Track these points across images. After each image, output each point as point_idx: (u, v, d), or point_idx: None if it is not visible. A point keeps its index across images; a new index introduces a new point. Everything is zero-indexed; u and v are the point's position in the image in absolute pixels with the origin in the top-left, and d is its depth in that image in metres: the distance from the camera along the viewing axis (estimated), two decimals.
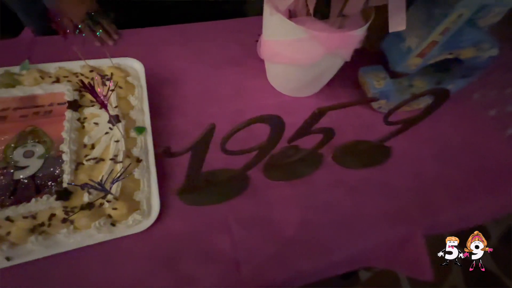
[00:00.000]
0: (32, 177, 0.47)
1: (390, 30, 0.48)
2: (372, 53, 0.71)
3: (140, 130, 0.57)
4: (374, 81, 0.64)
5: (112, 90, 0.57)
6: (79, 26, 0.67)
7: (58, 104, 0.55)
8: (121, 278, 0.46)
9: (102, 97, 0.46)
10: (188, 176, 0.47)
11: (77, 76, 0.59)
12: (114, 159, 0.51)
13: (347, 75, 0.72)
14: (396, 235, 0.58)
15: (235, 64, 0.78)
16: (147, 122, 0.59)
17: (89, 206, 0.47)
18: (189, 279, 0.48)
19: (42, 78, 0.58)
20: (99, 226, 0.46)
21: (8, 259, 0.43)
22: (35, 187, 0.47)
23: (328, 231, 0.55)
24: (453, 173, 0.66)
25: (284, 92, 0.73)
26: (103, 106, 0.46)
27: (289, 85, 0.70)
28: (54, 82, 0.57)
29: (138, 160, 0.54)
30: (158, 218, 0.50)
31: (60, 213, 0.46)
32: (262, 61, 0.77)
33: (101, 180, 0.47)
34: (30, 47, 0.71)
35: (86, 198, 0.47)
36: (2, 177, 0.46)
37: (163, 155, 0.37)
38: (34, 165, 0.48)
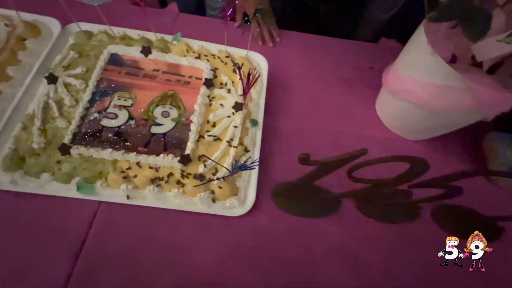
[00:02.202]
0: (164, 135, 0.54)
1: None
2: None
3: (254, 122, 0.60)
4: (508, 151, 0.57)
5: (255, 82, 0.58)
6: (246, 18, 0.73)
7: (196, 78, 0.61)
8: (204, 251, 0.50)
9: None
10: (295, 184, 0.48)
11: (214, 58, 0.66)
12: (229, 142, 0.55)
13: (468, 132, 0.66)
14: None
15: (344, 84, 0.78)
16: (260, 116, 0.62)
17: (201, 177, 0.51)
18: (263, 277, 0.49)
19: (187, 51, 0.65)
20: (203, 198, 0.51)
21: (128, 197, 0.50)
22: (164, 145, 0.53)
23: None
24: None
25: (391, 128, 0.70)
26: (245, 93, 0.49)
27: (402, 124, 0.66)
28: (196, 57, 0.64)
29: (246, 150, 0.57)
30: (250, 210, 0.53)
31: (177, 175, 0.51)
32: (372, 89, 0.76)
33: (215, 158, 0.51)
34: (174, 20, 0.80)
35: (201, 169, 0.52)
36: (142, 127, 0.54)
37: (300, 160, 0.39)
38: (167, 125, 0.55)
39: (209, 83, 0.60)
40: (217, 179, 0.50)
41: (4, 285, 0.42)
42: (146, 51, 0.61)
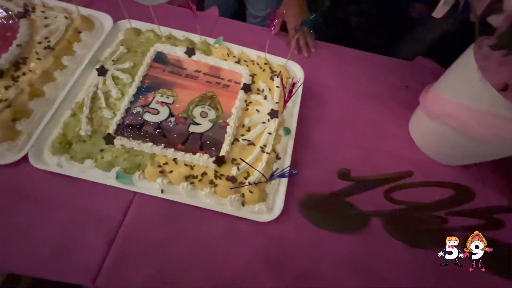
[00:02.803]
0: (201, 134, 0.55)
1: None
2: None
3: (287, 131, 0.61)
4: None
5: (293, 90, 0.57)
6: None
7: (235, 82, 0.62)
8: (228, 253, 0.51)
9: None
10: (326, 197, 0.48)
11: (253, 64, 0.67)
12: (262, 148, 0.56)
13: (508, 162, 0.64)
14: None
15: (378, 101, 0.77)
16: (293, 125, 0.63)
17: (233, 179, 0.52)
18: (283, 287, 0.49)
19: (228, 55, 0.67)
20: (233, 200, 0.51)
21: (162, 191, 0.52)
22: (200, 144, 0.54)
23: None
24: None
25: (424, 149, 0.68)
26: (285, 102, 0.50)
27: (438, 147, 0.65)
28: (236, 62, 0.66)
29: (278, 157, 0.57)
30: (277, 218, 0.53)
31: (210, 174, 0.52)
32: (406, 108, 0.74)
33: (247, 162, 0.52)
34: (213, 23, 0.83)
35: (233, 171, 0.53)
36: (181, 125, 0.56)
37: (340, 175, 0.39)
38: (205, 125, 0.56)
39: (247, 88, 0.62)
40: (250, 183, 0.51)
41: (46, 262, 0.45)
42: (190, 52, 0.64)
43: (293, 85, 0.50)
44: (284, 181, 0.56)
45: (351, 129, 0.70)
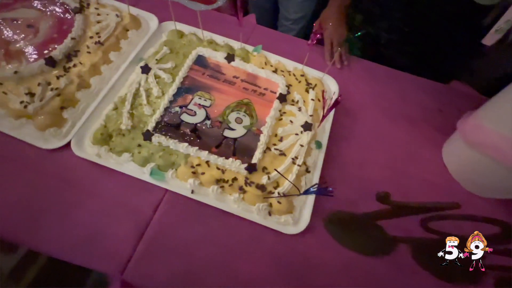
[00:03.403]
0: (234, 140, 0.56)
1: None
2: None
3: (319, 145, 0.60)
4: None
5: (333, 107, 0.57)
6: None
7: (271, 91, 0.63)
8: (251, 260, 0.51)
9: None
10: (356, 217, 0.48)
11: (289, 74, 0.68)
12: (293, 160, 0.56)
13: None
14: None
15: (410, 122, 0.75)
16: (325, 140, 0.62)
17: (262, 188, 0.52)
18: None
19: (266, 64, 0.68)
20: (261, 208, 0.52)
21: (192, 191, 0.53)
22: (233, 149, 0.55)
23: None
24: None
25: (458, 178, 0.65)
26: (323, 117, 0.50)
27: (475, 178, 0.62)
28: (273, 71, 0.67)
29: (307, 170, 0.57)
30: (302, 231, 0.53)
31: (241, 180, 0.53)
32: (440, 132, 0.72)
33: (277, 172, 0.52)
34: (251, 30, 0.84)
35: (264, 180, 0.53)
36: (216, 128, 0.57)
37: (379, 198, 0.38)
38: (239, 131, 0.57)
39: (282, 98, 0.62)
40: (282, 195, 0.51)
41: (79, 247, 0.47)
42: (230, 58, 0.65)
43: (336, 102, 0.50)
44: (312, 196, 0.56)
45: (381, 148, 0.69)
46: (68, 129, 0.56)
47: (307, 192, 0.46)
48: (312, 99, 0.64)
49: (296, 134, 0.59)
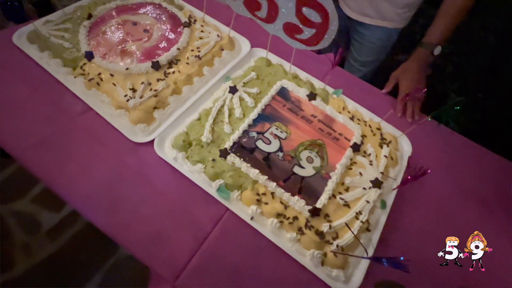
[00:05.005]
0: (302, 178, 0.57)
1: None
2: None
3: (384, 205, 0.58)
4: None
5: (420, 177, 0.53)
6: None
7: (345, 138, 0.63)
8: None
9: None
10: None
11: (365, 124, 0.67)
12: (357, 214, 0.55)
13: None
14: None
15: (481, 202, 0.69)
16: (390, 200, 0.60)
17: (321, 235, 0.52)
18: None
19: (343, 109, 0.69)
20: (314, 255, 0.50)
21: (252, 218, 0.54)
22: (300, 187, 0.56)
23: None
24: None
25: None
26: (405, 183, 0.49)
27: None
28: (350, 118, 0.67)
29: (368, 229, 0.55)
30: None
31: (301, 221, 0.53)
32: None
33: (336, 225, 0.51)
34: (328, 70, 0.86)
35: (325, 228, 0.52)
36: (287, 162, 0.58)
37: None
38: (308, 170, 0.58)
39: (356, 148, 0.62)
40: (340, 248, 0.50)
41: (144, 243, 0.50)
42: (312, 96, 0.67)
43: (423, 172, 0.48)
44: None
45: (446, 224, 0.64)
46: (155, 128, 0.62)
47: (377, 260, 0.43)
48: (385, 156, 0.62)
49: (364, 189, 0.58)
